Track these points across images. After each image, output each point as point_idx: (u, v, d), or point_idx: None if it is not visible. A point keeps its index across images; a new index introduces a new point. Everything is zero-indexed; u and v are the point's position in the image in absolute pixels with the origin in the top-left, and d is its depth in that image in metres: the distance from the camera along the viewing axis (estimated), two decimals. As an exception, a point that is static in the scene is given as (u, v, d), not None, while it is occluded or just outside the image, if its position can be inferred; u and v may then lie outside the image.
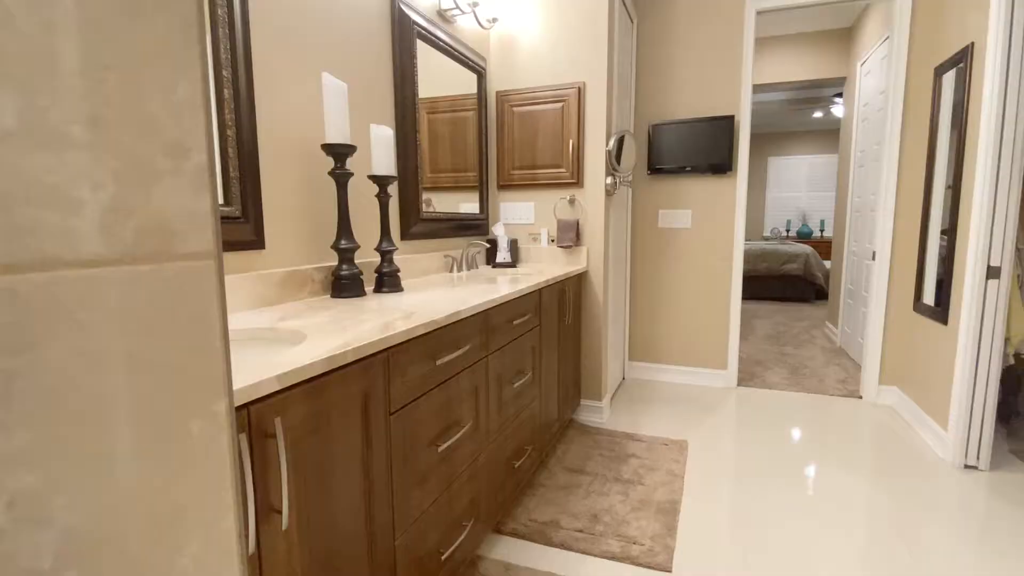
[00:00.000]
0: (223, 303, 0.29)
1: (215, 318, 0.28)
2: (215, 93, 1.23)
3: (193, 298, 0.27)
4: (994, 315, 2.10)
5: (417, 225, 2.09)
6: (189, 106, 0.27)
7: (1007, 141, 2.01)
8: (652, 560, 1.62)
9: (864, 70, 3.82)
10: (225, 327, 0.29)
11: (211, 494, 0.28)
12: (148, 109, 0.25)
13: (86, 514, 0.24)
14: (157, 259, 0.25)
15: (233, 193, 1.27)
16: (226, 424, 0.29)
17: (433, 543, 1.31)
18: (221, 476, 0.29)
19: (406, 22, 1.94)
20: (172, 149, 0.26)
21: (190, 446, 0.27)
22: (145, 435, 0.26)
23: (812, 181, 8.59)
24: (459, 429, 1.40)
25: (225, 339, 0.29)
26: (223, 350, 0.29)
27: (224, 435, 0.29)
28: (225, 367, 0.29)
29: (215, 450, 0.28)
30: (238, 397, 0.73)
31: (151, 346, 0.26)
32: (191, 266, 0.27)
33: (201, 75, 0.27)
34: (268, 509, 0.81)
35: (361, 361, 1.00)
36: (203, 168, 0.27)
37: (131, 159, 0.25)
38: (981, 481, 2.09)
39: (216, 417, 0.28)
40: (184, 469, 0.27)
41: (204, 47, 0.27)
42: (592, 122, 2.55)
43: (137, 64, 0.24)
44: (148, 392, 0.26)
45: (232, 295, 1.28)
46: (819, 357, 3.93)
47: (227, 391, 0.29)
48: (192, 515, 0.27)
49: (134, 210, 0.25)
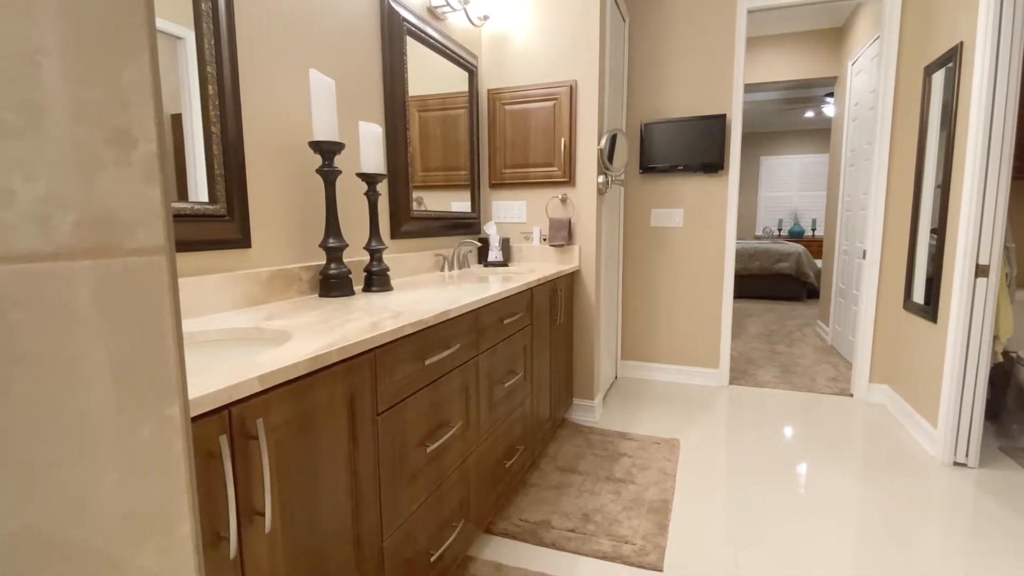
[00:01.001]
0: (176, 301, 0.27)
1: (167, 317, 0.27)
2: (199, 90, 1.21)
3: (142, 296, 0.26)
4: (983, 313, 2.11)
5: (407, 224, 2.08)
6: (137, 93, 0.25)
7: (995, 140, 2.02)
8: (643, 559, 1.61)
9: (855, 70, 3.84)
10: (178, 327, 0.27)
11: (165, 500, 0.27)
12: (90, 96, 0.24)
13: (24, 522, 0.23)
14: (100, 254, 0.24)
15: (218, 191, 1.25)
16: (180, 428, 0.28)
17: (422, 544, 1.29)
18: (175, 481, 0.28)
19: (395, 19, 1.93)
20: (117, 138, 0.25)
21: (140, 451, 0.26)
22: (89, 440, 0.24)
23: (804, 180, 8.64)
24: (449, 429, 1.38)
25: (178, 339, 0.27)
26: (176, 351, 0.27)
27: (178, 439, 0.28)
28: (178, 369, 0.27)
29: (169, 455, 0.27)
30: (219, 398, 0.71)
31: (94, 347, 0.25)
32: (139, 262, 0.25)
33: (150, 60, 0.25)
34: (251, 512, 0.80)
35: (347, 361, 0.99)
36: (152, 158, 0.26)
37: (70, 148, 0.23)
38: (970, 478, 2.10)
39: (169, 421, 0.27)
40: (134, 475, 0.26)
41: (153, 30, 0.25)
42: (584, 120, 2.54)
43: (77, 48, 0.23)
44: (92, 396, 0.24)
45: (218, 294, 1.26)
46: (810, 355, 3.95)
47: (181, 394, 0.27)
48: (143, 523, 0.26)
49: (73, 202, 0.23)
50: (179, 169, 1.20)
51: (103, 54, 0.24)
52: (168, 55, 1.16)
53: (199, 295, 1.22)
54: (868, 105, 3.40)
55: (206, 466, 0.71)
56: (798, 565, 1.59)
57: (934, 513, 1.86)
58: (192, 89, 1.20)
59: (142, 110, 0.25)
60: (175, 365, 0.27)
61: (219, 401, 0.72)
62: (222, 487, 0.74)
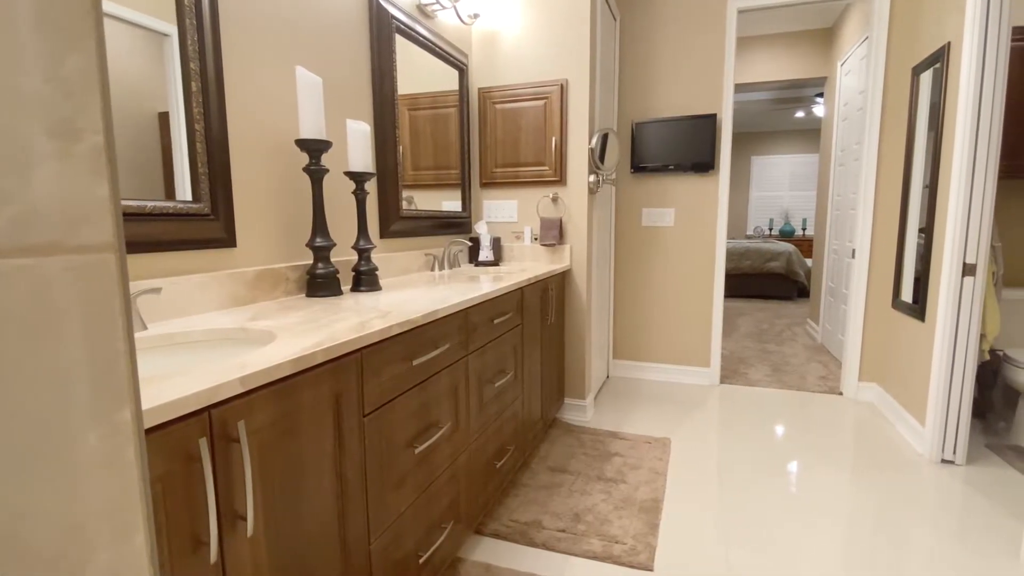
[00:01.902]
0: (126, 300, 0.26)
1: (116, 317, 0.26)
2: (182, 86, 1.19)
3: (88, 295, 0.24)
4: (970, 312, 2.12)
5: (397, 223, 2.06)
6: (81, 81, 0.24)
7: (982, 140, 2.03)
8: (634, 559, 1.61)
9: (844, 70, 3.86)
10: (129, 327, 0.26)
11: (116, 510, 0.26)
12: (27, 84, 0.22)
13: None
14: (38, 252, 0.23)
15: (202, 189, 1.23)
16: (132, 434, 0.26)
17: (411, 546, 1.28)
18: (127, 490, 0.26)
19: (384, 16, 1.91)
20: (59, 129, 0.23)
21: (87, 459, 0.25)
22: (28, 448, 0.23)
23: (794, 180, 8.69)
24: (438, 430, 1.37)
25: (129, 341, 0.26)
26: (127, 353, 0.26)
27: (130, 446, 0.26)
28: (130, 372, 0.26)
29: (119, 462, 0.26)
30: (198, 400, 0.70)
31: (33, 350, 0.23)
32: (85, 260, 0.24)
33: (96, 46, 0.24)
34: (233, 516, 0.78)
35: (332, 362, 0.98)
36: (99, 151, 0.25)
37: (5, 139, 0.22)
38: (957, 475, 2.11)
39: (119, 427, 0.26)
40: (80, 483, 0.24)
41: (100, 16, 0.24)
42: (575, 119, 2.54)
43: (13, 33, 0.22)
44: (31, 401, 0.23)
45: (202, 295, 1.24)
46: (801, 354, 3.97)
47: (133, 398, 0.26)
48: (91, 535, 0.25)
49: (8, 197, 0.22)
50: (167, 168, 1.18)
51: (44, 40, 0.22)
52: (154, 52, 1.14)
53: (182, 295, 1.20)
54: (857, 105, 3.42)
55: (185, 470, 0.70)
56: (789, 563, 1.60)
57: (923, 510, 1.87)
58: (177, 86, 1.18)
59: (87, 100, 0.24)
60: (126, 368, 0.26)
61: (199, 403, 0.70)
62: (202, 491, 0.72)
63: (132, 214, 1.07)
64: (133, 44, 1.10)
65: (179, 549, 0.70)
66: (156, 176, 1.16)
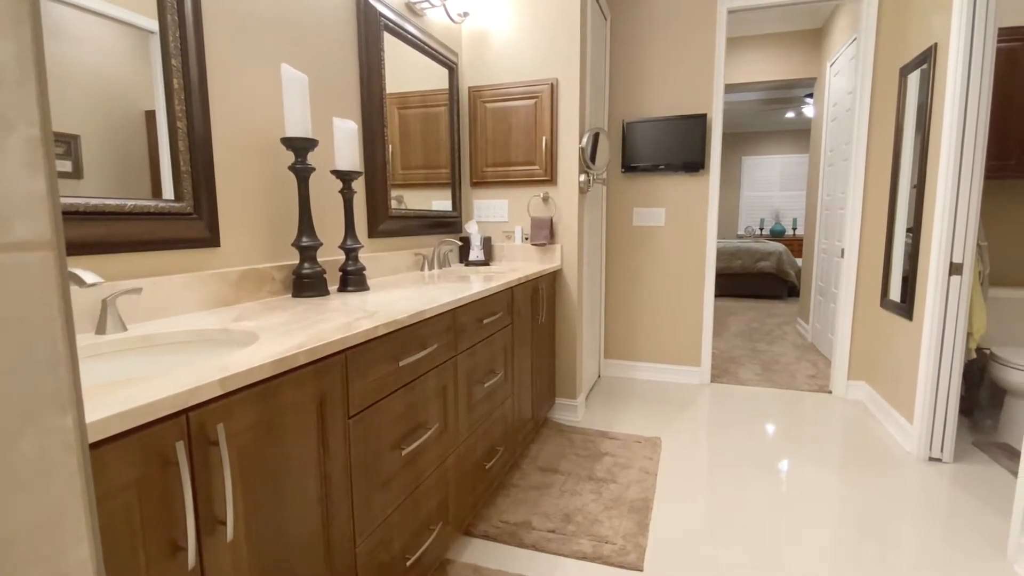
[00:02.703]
0: (66, 300, 0.25)
1: (55, 318, 0.24)
2: (163, 83, 1.17)
3: (22, 295, 0.23)
4: (957, 311, 2.14)
5: (386, 222, 2.04)
6: (14, 71, 0.23)
7: (968, 141, 2.05)
8: (624, 559, 1.61)
9: (833, 71, 3.88)
10: (69, 328, 0.25)
11: (56, 521, 0.24)
12: (-46, 72, 0.21)
13: None
14: (-35, 249, 0.22)
15: (184, 188, 1.21)
16: (74, 441, 0.25)
17: (398, 549, 1.27)
18: (70, 500, 0.25)
19: (372, 14, 1.89)
20: (-11, 121, 0.22)
21: (20, 469, 0.24)
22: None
23: (785, 180, 8.74)
24: (425, 431, 1.36)
25: (69, 342, 0.25)
26: (68, 356, 0.25)
27: (72, 455, 0.25)
28: (70, 376, 0.25)
29: (60, 471, 0.25)
30: (175, 403, 0.68)
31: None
32: (18, 258, 0.23)
33: (31, 33, 0.23)
34: (212, 520, 0.77)
35: (316, 363, 0.96)
36: (35, 144, 0.24)
37: (-73, 132, 0.21)
38: (945, 473, 2.13)
39: (58, 434, 0.25)
40: (11, 497, 0.23)
41: (36, 2, 0.23)
42: (565, 119, 2.53)
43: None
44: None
45: (184, 295, 1.22)
46: (791, 353, 3.99)
47: (74, 403, 0.25)
48: (24, 550, 0.23)
49: (-68, 192, 0.21)
50: (153, 167, 1.16)
51: (-30, 27, 0.21)
52: (139, 50, 1.12)
53: (165, 296, 1.18)
54: (846, 106, 3.44)
55: (162, 474, 0.68)
56: (778, 562, 1.60)
57: (910, 508, 1.88)
58: (159, 84, 1.16)
59: (21, 90, 0.23)
60: (66, 372, 0.25)
61: (175, 406, 0.69)
62: (180, 495, 0.71)
63: (111, 213, 1.05)
64: (119, 42, 1.08)
65: (156, 555, 0.68)
66: (143, 175, 1.15)
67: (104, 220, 1.04)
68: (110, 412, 0.61)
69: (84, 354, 0.94)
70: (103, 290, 1.05)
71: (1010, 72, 2.45)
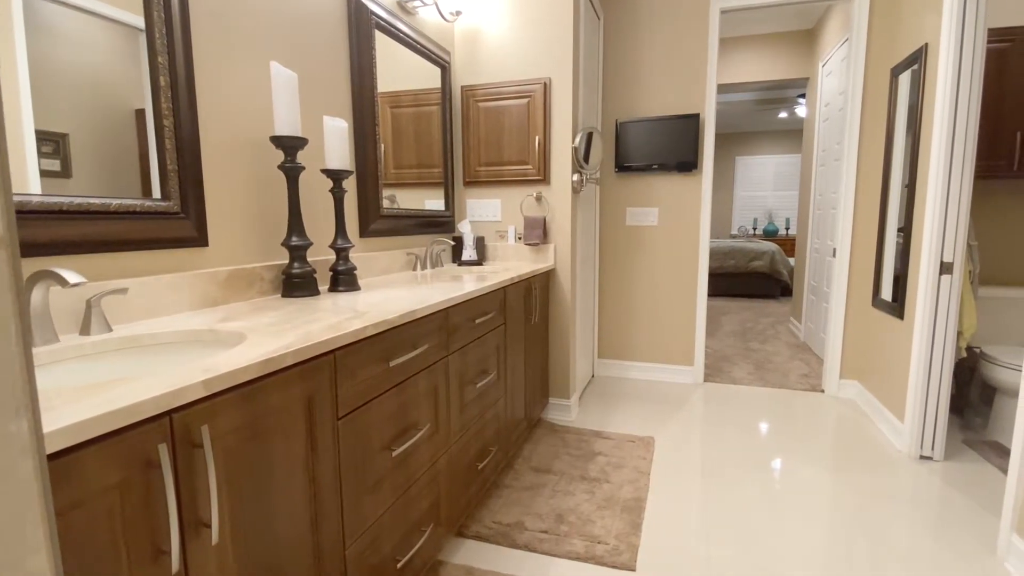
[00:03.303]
0: (20, 299, 0.24)
1: (8, 320, 0.23)
2: (150, 81, 1.15)
3: None
4: (947, 310, 2.15)
5: (377, 222, 2.03)
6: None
7: (959, 141, 2.06)
8: (616, 559, 1.60)
9: (825, 71, 3.90)
10: (24, 328, 0.24)
11: (10, 530, 0.24)
12: None
13: None
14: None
15: (171, 187, 1.20)
16: (29, 447, 0.24)
17: (388, 551, 1.26)
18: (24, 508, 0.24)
19: (363, 12, 1.88)
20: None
21: None
22: None
23: (778, 180, 8.78)
24: (416, 432, 1.35)
25: (24, 344, 0.24)
26: (21, 357, 0.24)
27: (28, 460, 0.24)
28: (24, 379, 0.24)
29: (12, 478, 0.24)
30: (158, 404, 0.67)
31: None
32: None
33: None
34: (196, 523, 0.76)
35: (304, 364, 0.95)
36: None
37: None
38: (936, 471, 2.14)
39: (11, 439, 0.24)
40: None
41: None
42: (558, 118, 2.53)
43: None
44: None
45: (172, 295, 1.21)
46: (783, 352, 4.01)
47: (29, 408, 0.24)
48: None
49: None
50: (143, 165, 1.15)
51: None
52: (129, 47, 1.11)
53: (151, 296, 1.17)
54: (838, 106, 3.45)
55: (144, 477, 0.67)
56: (770, 561, 1.60)
57: (902, 506, 1.89)
58: (146, 82, 1.15)
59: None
60: (20, 374, 0.24)
61: (158, 408, 0.68)
62: (163, 498, 0.70)
63: (96, 212, 1.04)
64: (109, 39, 1.07)
65: (138, 558, 0.67)
66: (133, 173, 1.13)
67: (89, 219, 1.03)
68: (91, 414, 0.59)
69: (68, 355, 0.93)
70: (87, 290, 1.03)
71: (1000, 72, 2.47)
